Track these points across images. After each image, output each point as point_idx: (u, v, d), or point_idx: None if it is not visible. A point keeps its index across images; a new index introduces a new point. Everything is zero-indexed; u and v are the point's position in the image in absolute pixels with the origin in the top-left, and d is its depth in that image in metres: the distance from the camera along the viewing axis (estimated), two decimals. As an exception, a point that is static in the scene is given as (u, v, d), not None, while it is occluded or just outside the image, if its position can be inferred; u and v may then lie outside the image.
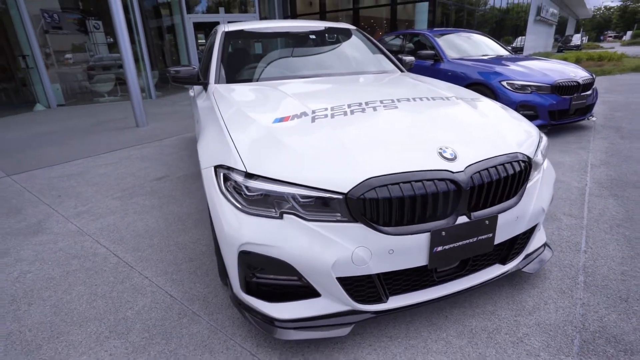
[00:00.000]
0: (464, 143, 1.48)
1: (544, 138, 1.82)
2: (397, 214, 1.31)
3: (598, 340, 1.50)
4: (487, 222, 1.42)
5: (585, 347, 1.47)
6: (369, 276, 1.37)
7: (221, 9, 11.29)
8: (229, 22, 9.48)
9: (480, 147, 1.48)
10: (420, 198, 1.30)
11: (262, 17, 12.83)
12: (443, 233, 1.36)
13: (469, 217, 1.39)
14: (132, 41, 9.26)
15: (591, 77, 4.64)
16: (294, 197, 1.31)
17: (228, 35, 2.79)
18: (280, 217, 1.32)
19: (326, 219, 1.31)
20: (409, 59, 3.09)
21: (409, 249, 1.34)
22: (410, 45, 6.21)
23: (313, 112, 1.68)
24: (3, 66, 9.08)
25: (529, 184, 1.59)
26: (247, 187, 1.35)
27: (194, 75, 2.50)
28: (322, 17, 13.57)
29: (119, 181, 3.52)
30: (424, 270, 1.46)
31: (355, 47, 3.08)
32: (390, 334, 1.56)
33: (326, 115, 1.64)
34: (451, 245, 1.39)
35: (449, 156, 1.39)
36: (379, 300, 1.43)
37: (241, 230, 1.34)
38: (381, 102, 1.81)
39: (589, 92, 4.56)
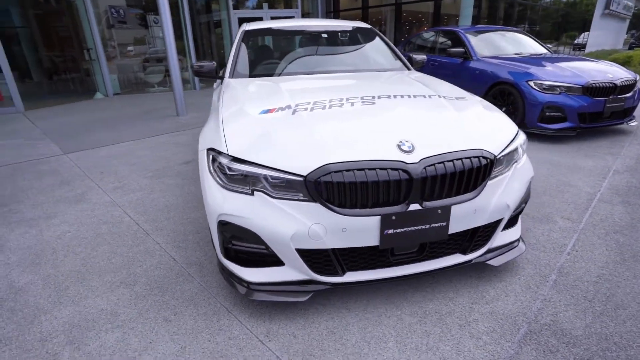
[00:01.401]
0: (426, 138, 1.61)
1: (521, 138, 1.88)
2: (351, 197, 1.49)
3: (544, 331, 1.57)
4: (439, 211, 1.55)
5: (529, 336, 1.55)
6: (326, 250, 1.56)
7: (265, 5, 11.71)
8: (271, 17, 9.80)
9: (441, 142, 1.60)
10: (372, 184, 1.47)
11: (305, 14, 13.11)
12: (393, 217, 1.51)
13: (422, 206, 1.53)
14: (180, 36, 9.99)
15: (633, 78, 4.36)
16: (265, 177, 1.53)
17: (247, 33, 3.06)
18: (252, 193, 1.55)
19: (290, 197, 1.52)
20: (420, 57, 3.16)
21: (361, 229, 1.51)
22: (447, 42, 6.14)
23: (296, 105, 1.89)
24: (72, 58, 10.20)
25: (493, 180, 1.68)
26: (229, 168, 1.59)
27: (212, 70, 2.80)
28: (365, 12, 13.57)
29: (152, 163, 3.96)
30: (380, 251, 1.63)
31: (365, 46, 3.21)
32: (349, 307, 1.74)
33: (306, 109, 1.83)
34: (402, 230, 1.54)
35: (406, 149, 1.53)
36: (336, 273, 1.62)
37: (221, 203, 1.59)
38: (362, 98, 1.97)
39: (628, 95, 4.30)
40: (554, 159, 3.72)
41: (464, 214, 1.62)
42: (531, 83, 4.29)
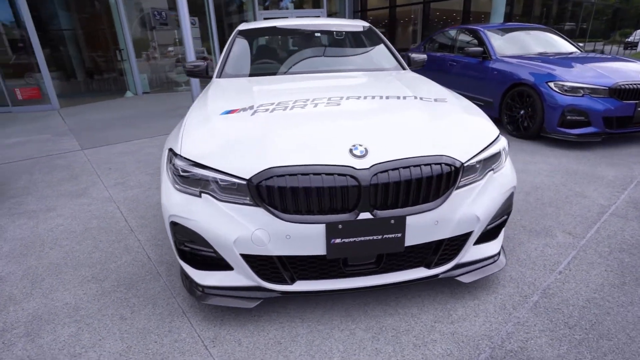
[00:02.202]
0: (384, 142, 1.51)
1: (499, 144, 1.72)
2: (294, 203, 1.42)
3: (508, 359, 1.42)
4: (392, 221, 1.45)
5: (489, 362, 1.41)
6: (271, 257, 1.50)
7: (290, 5, 11.78)
8: (296, 17, 9.77)
9: (400, 146, 1.50)
10: (317, 190, 1.39)
11: (331, 13, 13.05)
12: (340, 226, 1.43)
13: (373, 215, 1.44)
14: (206, 36, 10.26)
15: (672, 80, 3.93)
16: (214, 180, 1.50)
17: (240, 33, 3.06)
18: (200, 195, 1.52)
19: (236, 201, 1.47)
20: (419, 57, 3.02)
21: (306, 237, 1.44)
22: (468, 40, 5.86)
23: (259, 106, 1.84)
24: (109, 58, 10.77)
25: (461, 190, 1.55)
26: (180, 169, 1.57)
27: (202, 69, 2.82)
28: (393, 11, 13.31)
29: (158, 160, 4.07)
30: (333, 261, 1.54)
31: (360, 45, 3.11)
32: (304, 317, 1.68)
33: (267, 110, 1.78)
34: (351, 239, 1.45)
35: (358, 153, 1.45)
36: (284, 281, 1.55)
37: (172, 203, 1.58)
38: (329, 99, 1.89)
39: (665, 98, 3.88)
40: (572, 167, 3.43)
41: (424, 226, 1.50)
42: (551, 84, 3.98)
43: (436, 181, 1.48)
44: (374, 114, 1.76)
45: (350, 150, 1.46)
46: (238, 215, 1.47)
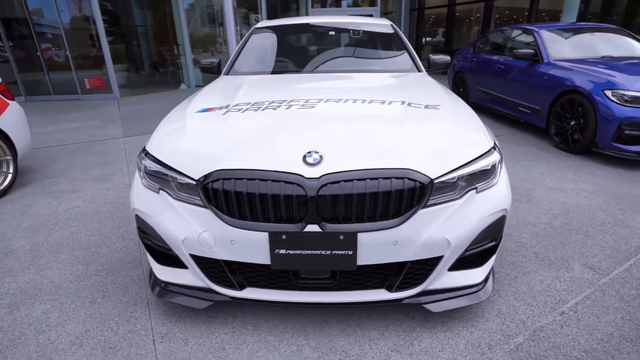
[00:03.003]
0: (342, 150, 1.40)
1: (488, 160, 1.50)
2: (240, 208, 1.36)
3: (459, 407, 1.24)
4: (341, 237, 1.33)
5: (436, 407, 1.24)
6: (219, 261, 1.46)
7: (343, 3, 11.68)
8: (349, 15, 9.75)
9: (358, 157, 1.37)
10: (262, 197, 1.32)
11: (387, 12, 12.73)
12: (284, 237, 1.34)
13: (321, 228, 1.33)
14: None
15: None
16: (172, 178, 1.50)
17: (256, 30, 3.06)
18: (158, 192, 1.53)
19: (188, 200, 1.45)
20: (440, 58, 2.77)
21: (249, 244, 1.38)
22: (521, 41, 5.34)
23: (235, 105, 1.81)
24: (167, 52, 11.54)
25: (430, 209, 1.38)
26: (144, 164, 1.59)
27: (215, 66, 2.87)
28: (452, 10, 12.61)
29: (183, 151, 4.25)
30: (283, 271, 1.46)
31: (377, 45, 2.94)
32: (257, 325, 1.62)
33: (239, 110, 1.74)
34: (297, 252, 1.36)
35: (311, 161, 1.35)
36: (234, 286, 1.51)
37: (136, 197, 1.61)
38: (306, 101, 1.79)
39: None
40: (620, 190, 2.95)
41: (380, 245, 1.36)
42: (608, 93, 3.46)
43: (397, 197, 1.33)
44: (344, 119, 1.63)
45: (304, 158, 1.36)
46: (189, 215, 1.45)
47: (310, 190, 1.29)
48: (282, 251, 1.37)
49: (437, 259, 1.43)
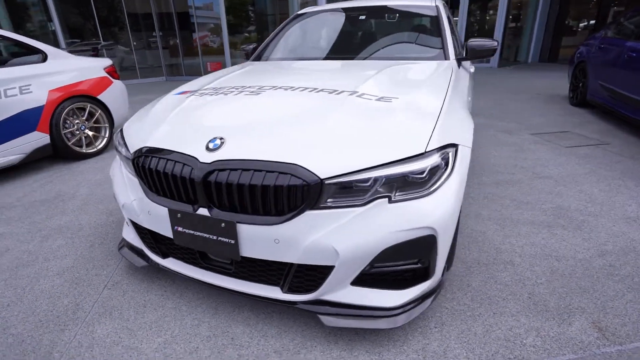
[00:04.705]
0: (243, 139, 1.37)
1: (414, 166, 1.26)
2: (152, 183, 1.48)
3: None
4: (223, 224, 1.33)
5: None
6: (145, 228, 1.62)
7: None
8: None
9: (254, 147, 1.32)
10: (165, 175, 1.41)
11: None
12: (179, 215, 1.41)
13: (210, 212, 1.35)
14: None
15: None
16: (122, 150, 1.71)
17: (297, 16, 3.07)
18: (120, 162, 1.77)
19: (130, 171, 1.65)
20: (481, 44, 2.32)
21: (159, 217, 1.49)
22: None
23: (203, 89, 1.91)
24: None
25: (323, 212, 1.26)
26: (116, 137, 1.85)
27: (249, 52, 3.03)
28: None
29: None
30: (197, 251, 1.54)
31: (409, 29, 2.63)
32: (183, 294, 1.74)
33: (202, 94, 1.83)
34: (190, 231, 1.42)
35: (212, 146, 1.37)
36: (158, 254, 1.65)
37: (111, 166, 1.89)
38: (260, 87, 1.80)
39: None
40: None
41: (260, 240, 1.31)
42: None
43: (282, 194, 1.25)
44: (271, 108, 1.57)
45: (208, 142, 1.39)
46: (129, 184, 1.64)
47: (199, 174, 1.32)
48: (180, 229, 1.44)
49: (328, 269, 1.30)
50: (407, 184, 1.28)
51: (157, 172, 1.43)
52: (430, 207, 1.28)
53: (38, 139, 3.34)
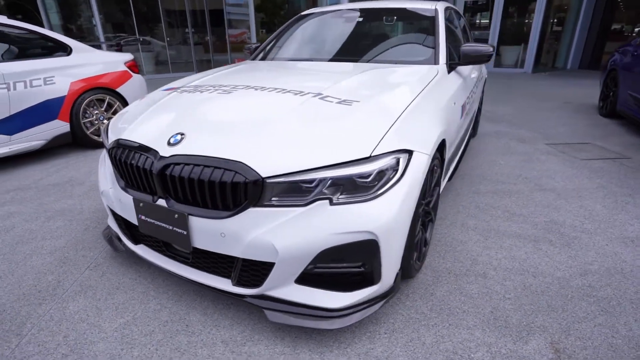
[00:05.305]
0: (201, 136, 1.43)
1: (358, 169, 1.27)
2: (121, 173, 1.58)
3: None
4: (176, 215, 1.40)
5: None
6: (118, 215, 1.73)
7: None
8: None
9: (209, 144, 1.38)
10: (129, 166, 1.51)
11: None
12: (141, 204, 1.50)
13: (167, 203, 1.43)
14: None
15: None
16: (106, 141, 1.83)
17: (300, 17, 3.11)
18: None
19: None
20: (474, 49, 2.24)
21: (127, 205, 1.59)
22: None
23: (185, 87, 1.99)
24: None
25: (266, 209, 1.30)
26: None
27: (252, 51, 3.10)
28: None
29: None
30: (161, 240, 1.62)
31: (405, 32, 2.60)
32: (154, 279, 1.83)
33: (184, 92, 1.91)
34: (151, 220, 1.50)
35: (172, 141, 1.44)
36: (131, 240, 1.76)
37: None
38: (233, 87, 1.85)
39: None
40: None
41: (209, 232, 1.37)
42: None
43: (228, 190, 1.30)
44: (233, 107, 1.64)
45: (170, 138, 1.46)
46: (108, 173, 1.76)
47: (157, 166, 1.40)
48: (143, 217, 1.53)
49: (270, 265, 1.33)
50: (355, 187, 1.29)
51: (125, 162, 1.53)
52: (373, 212, 1.28)
53: (59, 126, 3.60)
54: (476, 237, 2.20)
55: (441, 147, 1.85)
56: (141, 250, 1.73)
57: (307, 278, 1.36)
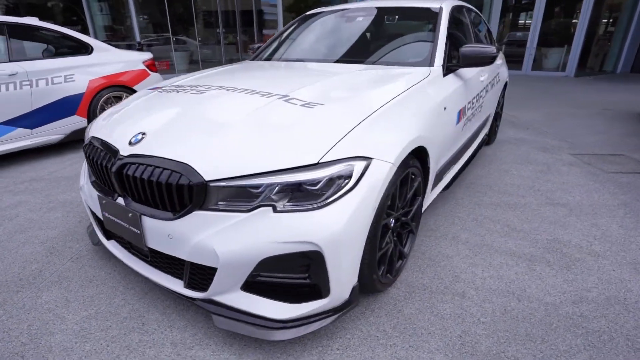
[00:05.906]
0: (161, 137, 1.43)
1: (298, 176, 1.21)
2: (92, 169, 1.62)
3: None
4: (130, 214, 1.41)
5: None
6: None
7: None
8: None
9: (164, 145, 1.38)
10: (95, 162, 1.54)
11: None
12: (104, 202, 1.52)
13: (125, 203, 1.44)
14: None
15: None
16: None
17: (304, 17, 3.07)
18: (87, 145, 1.96)
19: (88, 158, 1.82)
20: (475, 51, 2.09)
21: (94, 199, 1.62)
22: None
23: (167, 86, 2.00)
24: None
25: (212, 214, 1.27)
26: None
27: (255, 52, 3.10)
28: None
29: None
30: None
31: (405, 32, 2.47)
32: (127, 274, 1.86)
33: (164, 91, 1.91)
34: (112, 217, 1.52)
35: (133, 140, 1.46)
36: (104, 235, 1.80)
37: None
38: (208, 87, 1.84)
39: None
40: None
41: (158, 233, 1.36)
42: None
43: (176, 192, 1.29)
44: (198, 107, 1.61)
45: (132, 137, 1.47)
46: (86, 170, 1.81)
47: (116, 165, 1.41)
48: (106, 214, 1.55)
49: (213, 270, 1.30)
50: (305, 195, 1.23)
51: (92, 159, 1.56)
52: (319, 222, 1.21)
53: (77, 122, 3.80)
54: (465, 252, 2.05)
55: (421, 154, 1.74)
56: (112, 245, 1.76)
57: (252, 286, 1.32)
